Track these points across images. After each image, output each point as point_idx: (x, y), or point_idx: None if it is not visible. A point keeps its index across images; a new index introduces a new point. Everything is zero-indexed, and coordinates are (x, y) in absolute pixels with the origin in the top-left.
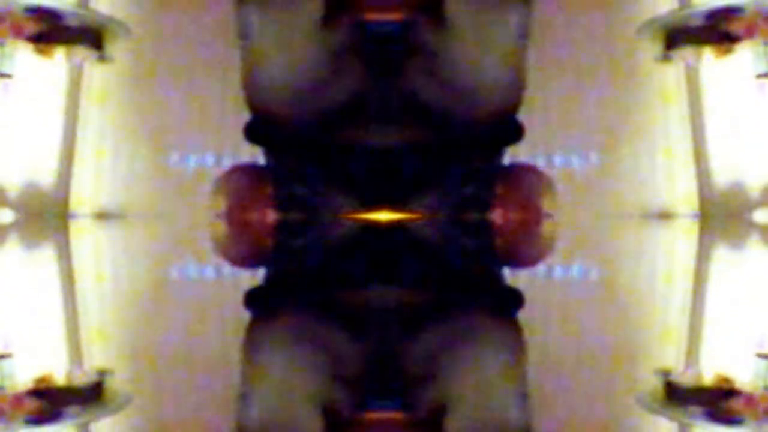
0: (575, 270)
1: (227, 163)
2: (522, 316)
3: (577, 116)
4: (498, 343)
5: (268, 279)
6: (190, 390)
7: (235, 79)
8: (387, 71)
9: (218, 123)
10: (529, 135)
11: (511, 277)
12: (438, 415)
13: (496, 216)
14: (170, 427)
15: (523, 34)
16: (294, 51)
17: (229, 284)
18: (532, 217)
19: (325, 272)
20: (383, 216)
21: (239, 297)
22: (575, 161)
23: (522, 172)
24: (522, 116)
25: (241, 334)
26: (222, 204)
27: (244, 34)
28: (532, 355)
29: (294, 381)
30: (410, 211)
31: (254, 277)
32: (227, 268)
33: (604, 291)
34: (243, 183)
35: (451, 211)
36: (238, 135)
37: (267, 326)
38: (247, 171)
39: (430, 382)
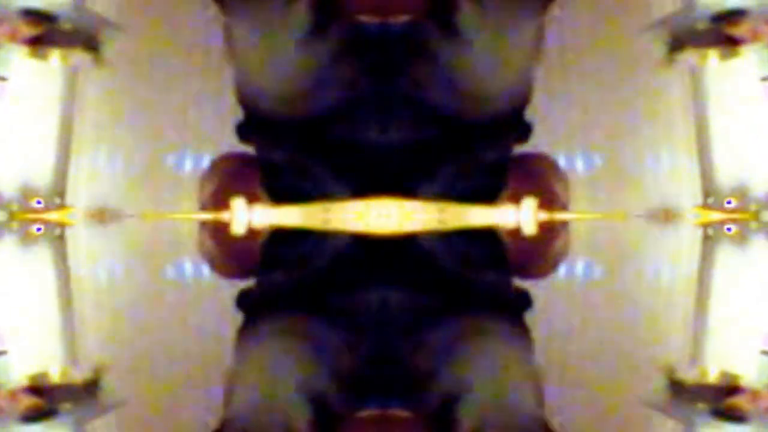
0: (579, 268)
1: None
2: (526, 314)
3: (581, 118)
4: (508, 339)
5: (261, 280)
6: (185, 388)
7: (232, 78)
8: (387, 74)
9: (215, 123)
10: (532, 137)
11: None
12: (447, 408)
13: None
14: (164, 425)
15: (537, 45)
16: (282, 58)
17: (226, 284)
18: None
19: (321, 274)
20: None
21: (235, 296)
22: (579, 163)
23: (533, 159)
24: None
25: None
26: (208, 188)
27: (229, 43)
28: (536, 354)
29: (281, 373)
30: (413, 197)
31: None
32: None
33: (607, 289)
34: (231, 168)
35: (459, 197)
36: (235, 135)
37: (259, 323)
38: (237, 158)
39: (438, 378)
